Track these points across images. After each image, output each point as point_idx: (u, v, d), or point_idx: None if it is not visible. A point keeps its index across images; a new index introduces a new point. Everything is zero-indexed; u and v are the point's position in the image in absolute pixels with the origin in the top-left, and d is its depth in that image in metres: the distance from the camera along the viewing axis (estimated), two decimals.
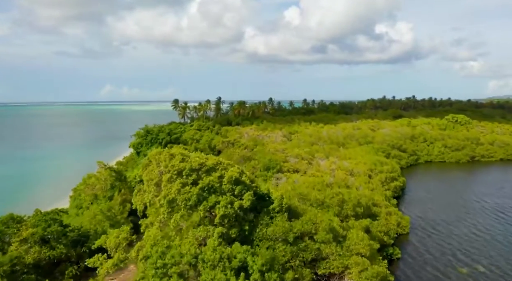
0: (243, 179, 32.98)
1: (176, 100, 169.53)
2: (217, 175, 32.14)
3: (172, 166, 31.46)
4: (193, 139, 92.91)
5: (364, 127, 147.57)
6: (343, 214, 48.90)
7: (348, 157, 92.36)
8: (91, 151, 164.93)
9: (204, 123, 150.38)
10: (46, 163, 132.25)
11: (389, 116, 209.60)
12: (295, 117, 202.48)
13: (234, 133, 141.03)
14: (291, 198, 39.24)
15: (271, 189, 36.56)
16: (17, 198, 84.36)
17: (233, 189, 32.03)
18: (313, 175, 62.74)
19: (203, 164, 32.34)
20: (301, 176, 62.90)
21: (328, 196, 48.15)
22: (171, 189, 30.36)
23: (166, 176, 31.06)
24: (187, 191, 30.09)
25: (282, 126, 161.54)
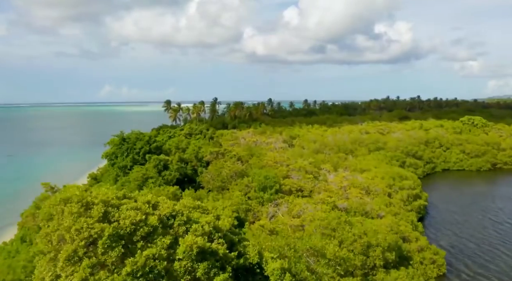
0: (213, 246, 18.20)
1: (168, 101, 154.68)
2: (164, 244, 17.47)
3: (79, 230, 16.83)
4: (178, 148, 78.14)
5: (372, 130, 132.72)
6: (369, 264, 34.26)
7: (359, 168, 77.62)
8: (75, 157, 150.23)
9: (197, 126, 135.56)
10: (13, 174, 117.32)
11: (395, 118, 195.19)
12: (296, 119, 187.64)
13: (229, 137, 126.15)
14: (297, 260, 24.68)
15: (266, 254, 21.74)
16: None
17: (193, 268, 17.42)
18: (322, 200, 47.84)
19: (141, 223, 17.60)
20: (307, 200, 48.06)
21: (348, 239, 33.49)
22: (73, 277, 15.82)
23: (67, 250, 16.45)
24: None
25: (282, 129, 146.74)
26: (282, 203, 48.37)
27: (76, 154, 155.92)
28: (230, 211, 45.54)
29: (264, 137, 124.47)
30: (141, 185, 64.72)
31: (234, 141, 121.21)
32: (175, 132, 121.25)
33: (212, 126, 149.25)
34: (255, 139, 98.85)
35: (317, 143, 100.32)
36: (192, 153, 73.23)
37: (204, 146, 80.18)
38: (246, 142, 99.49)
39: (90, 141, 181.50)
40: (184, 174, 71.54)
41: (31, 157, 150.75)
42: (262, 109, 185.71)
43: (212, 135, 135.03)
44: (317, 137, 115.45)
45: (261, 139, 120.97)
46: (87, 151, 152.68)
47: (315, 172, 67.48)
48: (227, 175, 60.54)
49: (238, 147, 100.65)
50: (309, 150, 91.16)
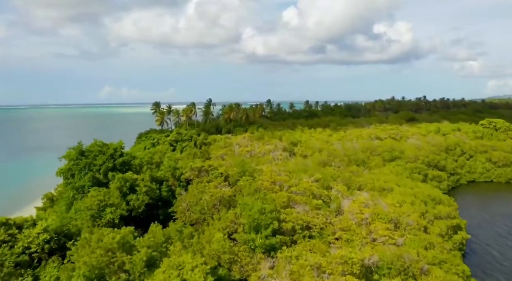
0: None
1: (157, 103, 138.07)
2: None
3: None
4: (151, 163, 61.56)
5: (383, 135, 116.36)
6: None
7: (378, 186, 61.28)
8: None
9: (187, 131, 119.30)
10: None
11: (401, 119, 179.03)
12: (297, 121, 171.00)
13: (222, 143, 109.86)
14: None
15: None
16: None
17: None
18: (343, 259, 31.16)
19: None
20: (318, 258, 31.64)
21: None
22: None
23: None
24: None
25: (282, 134, 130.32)
26: (280, 264, 31.85)
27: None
28: (203, 272, 29.34)
29: (262, 143, 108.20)
30: (96, 215, 48.48)
31: (228, 148, 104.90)
32: (160, 139, 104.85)
33: (205, 130, 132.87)
34: (249, 148, 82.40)
35: (324, 152, 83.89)
36: (167, 169, 56.91)
37: (183, 160, 63.59)
38: (239, 152, 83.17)
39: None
40: (157, 196, 55.29)
41: (16, 164, 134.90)
42: (260, 111, 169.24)
43: (204, 141, 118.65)
44: (322, 144, 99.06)
45: (258, 146, 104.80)
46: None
47: (325, 196, 51.09)
48: (208, 203, 44.16)
49: (230, 157, 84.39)
50: (314, 161, 74.80)
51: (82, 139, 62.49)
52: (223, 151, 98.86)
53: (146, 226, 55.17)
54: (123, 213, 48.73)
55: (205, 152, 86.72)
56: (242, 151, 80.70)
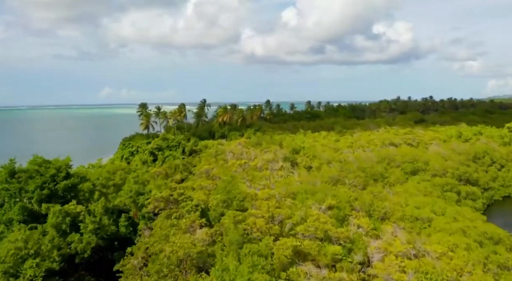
0: None
1: (143, 105, 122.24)
2: None
3: None
4: (106, 187, 45.80)
5: (396, 140, 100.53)
6: None
7: (409, 215, 45.78)
8: None
9: (175, 136, 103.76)
10: None
11: (409, 121, 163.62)
12: (298, 123, 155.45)
13: (213, 151, 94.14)
14: None
15: None
16: None
17: None
18: None
19: None
20: None
21: None
22: None
23: None
24: None
25: (283, 138, 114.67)
26: None
27: None
28: None
29: (259, 150, 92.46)
30: (12, 271, 32.89)
31: (220, 156, 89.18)
32: (139, 147, 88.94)
33: (196, 135, 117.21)
34: (243, 161, 66.31)
35: (334, 165, 67.97)
36: (128, 195, 41.41)
37: (157, 180, 47.83)
38: (231, 165, 67.37)
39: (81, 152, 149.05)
40: (112, 234, 39.69)
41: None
42: (258, 112, 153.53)
43: (193, 148, 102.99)
44: (329, 152, 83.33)
45: (254, 154, 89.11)
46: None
47: (344, 238, 35.40)
48: (171, 260, 28.44)
49: (220, 169, 68.67)
50: (322, 177, 59.02)
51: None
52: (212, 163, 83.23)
53: (97, 272, 39.77)
54: (52, 267, 33.13)
55: (189, 165, 71.01)
56: (233, 165, 64.70)
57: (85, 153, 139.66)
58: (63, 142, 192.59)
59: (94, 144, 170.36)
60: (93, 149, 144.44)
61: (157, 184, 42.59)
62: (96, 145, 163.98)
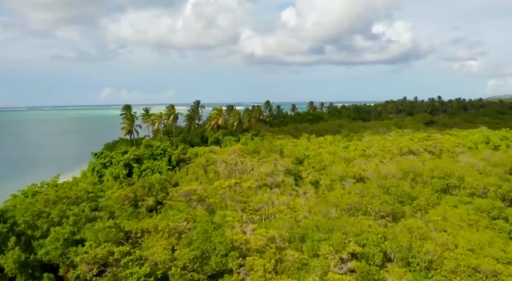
0: None
1: (128, 107, 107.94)
2: None
3: None
4: (32, 228, 30.74)
5: (414, 146, 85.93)
6: None
7: (465, 265, 31.68)
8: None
9: (161, 143, 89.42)
10: None
11: (419, 123, 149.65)
12: (300, 126, 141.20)
13: (203, 160, 79.71)
14: None
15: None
16: None
17: None
18: None
19: None
20: None
21: None
22: None
23: None
24: None
25: (284, 144, 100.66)
26: None
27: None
28: None
29: (257, 159, 78.31)
30: None
31: (211, 167, 74.74)
32: (113, 157, 74.24)
33: (187, 140, 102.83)
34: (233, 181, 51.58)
35: (349, 185, 53.35)
36: (55, 247, 27.07)
37: (88, 228, 32.51)
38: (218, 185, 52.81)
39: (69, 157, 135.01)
40: None
41: None
42: (257, 114, 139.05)
43: (182, 156, 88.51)
44: (340, 164, 68.82)
45: (250, 165, 74.95)
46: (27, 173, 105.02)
47: None
48: None
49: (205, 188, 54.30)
50: (340, 203, 44.53)
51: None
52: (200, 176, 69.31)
53: None
54: None
55: (167, 183, 56.50)
56: (220, 186, 49.96)
57: (74, 157, 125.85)
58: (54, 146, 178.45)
59: (84, 148, 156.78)
60: (82, 154, 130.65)
61: (96, 229, 28.09)
62: (86, 149, 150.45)
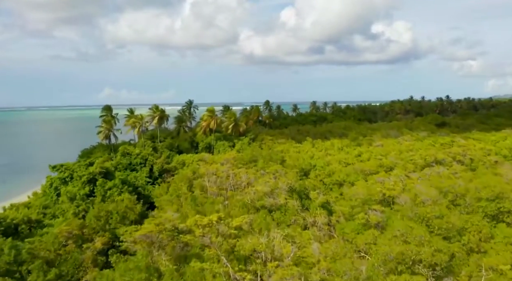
0: None
1: (107, 107, 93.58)
2: None
3: None
4: None
5: (440, 155, 71.46)
6: None
7: None
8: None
9: (143, 150, 75.18)
10: None
11: (430, 124, 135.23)
12: (303, 128, 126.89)
13: (189, 172, 65.46)
14: None
15: None
16: None
17: None
18: None
19: None
20: None
21: None
22: None
23: None
24: None
25: (285, 149, 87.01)
26: None
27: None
28: None
29: (254, 170, 64.08)
30: None
31: (197, 182, 60.66)
32: (75, 170, 59.39)
33: (174, 146, 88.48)
34: (215, 218, 37.09)
35: (378, 216, 38.89)
36: None
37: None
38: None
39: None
40: None
41: None
42: (256, 115, 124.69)
43: (165, 165, 74.15)
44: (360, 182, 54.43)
45: (246, 177, 60.83)
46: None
47: None
48: None
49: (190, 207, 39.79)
50: (371, 251, 30.26)
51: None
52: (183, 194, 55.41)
53: None
54: None
55: (134, 208, 42.10)
56: (194, 225, 35.54)
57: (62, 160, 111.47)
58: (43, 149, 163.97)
59: (75, 152, 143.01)
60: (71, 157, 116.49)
61: None
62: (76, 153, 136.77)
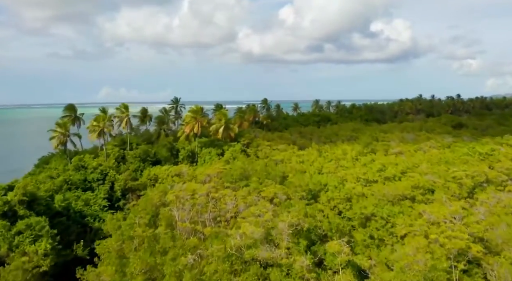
0: None
1: (70, 107, 75.62)
2: None
3: None
4: None
5: (492, 174, 53.81)
6: None
7: None
8: None
9: (103, 163, 57.38)
10: None
11: (445, 126, 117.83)
12: (306, 130, 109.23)
13: (155, 195, 47.79)
14: None
15: None
16: None
17: None
18: None
19: None
20: None
21: None
22: None
23: None
24: None
25: (287, 158, 69.70)
26: None
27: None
28: None
29: (245, 193, 46.29)
30: None
31: (165, 210, 43.05)
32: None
33: (150, 155, 70.48)
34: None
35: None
36: None
37: None
38: None
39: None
40: None
41: None
42: (251, 116, 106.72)
43: (130, 182, 56.25)
44: (383, 209, 36.77)
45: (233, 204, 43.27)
46: None
47: None
48: None
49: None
50: None
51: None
52: (150, 228, 37.97)
53: None
54: None
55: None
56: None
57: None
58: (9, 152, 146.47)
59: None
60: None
61: None
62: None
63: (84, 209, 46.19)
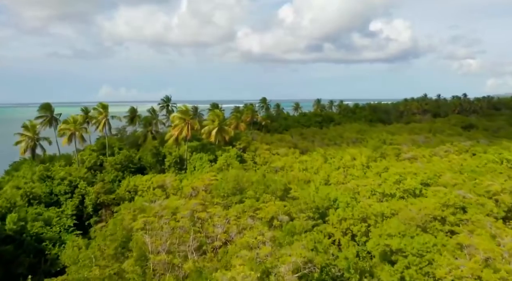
0: None
1: (46, 106, 66.74)
2: None
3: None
4: None
5: None
6: None
7: None
8: None
9: (76, 171, 48.83)
10: None
11: (455, 127, 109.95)
12: (307, 131, 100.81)
13: (129, 215, 39.43)
14: None
15: None
16: None
17: None
18: None
19: None
20: None
21: None
22: None
23: None
24: None
25: (287, 163, 61.34)
26: None
27: None
28: None
29: (237, 211, 37.56)
30: None
31: (138, 240, 34.47)
32: None
33: (133, 161, 61.85)
34: None
35: None
36: None
37: None
38: None
39: None
40: None
41: None
42: (249, 117, 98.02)
43: (103, 195, 47.60)
44: (415, 240, 28.16)
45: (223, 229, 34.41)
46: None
47: None
48: None
49: None
50: None
51: None
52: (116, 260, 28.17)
53: None
54: None
55: None
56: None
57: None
58: None
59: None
60: None
61: None
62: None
63: (43, 231, 37.58)
